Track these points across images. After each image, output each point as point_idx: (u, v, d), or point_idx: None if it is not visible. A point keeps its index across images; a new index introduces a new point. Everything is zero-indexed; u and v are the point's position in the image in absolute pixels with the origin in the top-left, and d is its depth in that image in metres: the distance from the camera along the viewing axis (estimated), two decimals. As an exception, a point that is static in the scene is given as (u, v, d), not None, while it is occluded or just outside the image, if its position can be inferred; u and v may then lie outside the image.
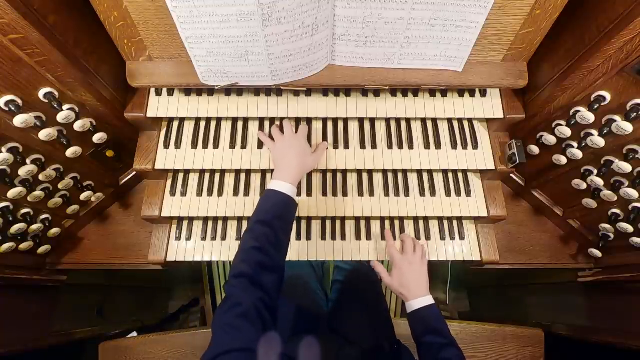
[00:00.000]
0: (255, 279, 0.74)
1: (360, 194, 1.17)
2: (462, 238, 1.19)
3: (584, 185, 1.06)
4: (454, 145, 1.14)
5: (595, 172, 1.00)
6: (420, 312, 0.94)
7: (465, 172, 1.21)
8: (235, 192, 1.15)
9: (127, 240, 1.28)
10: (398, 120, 1.17)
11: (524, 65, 0.98)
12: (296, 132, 1.07)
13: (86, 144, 1.02)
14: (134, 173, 1.27)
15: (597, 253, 1.17)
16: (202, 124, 1.15)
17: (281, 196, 0.90)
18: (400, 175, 1.19)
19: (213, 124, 1.15)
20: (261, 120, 1.16)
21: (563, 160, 1.04)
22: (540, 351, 1.20)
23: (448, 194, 1.17)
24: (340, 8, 0.81)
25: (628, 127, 0.83)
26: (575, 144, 0.99)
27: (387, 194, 1.17)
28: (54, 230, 1.14)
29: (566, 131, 0.98)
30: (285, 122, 1.07)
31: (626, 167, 0.91)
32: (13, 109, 0.78)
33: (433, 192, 1.17)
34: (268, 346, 0.68)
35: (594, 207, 1.07)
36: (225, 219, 1.20)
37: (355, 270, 1.33)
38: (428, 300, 0.95)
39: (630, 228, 1.00)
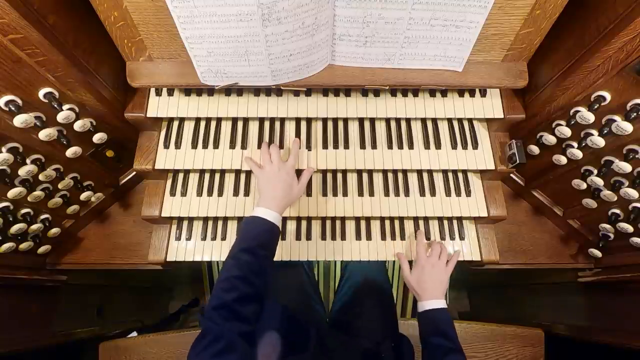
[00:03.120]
0: (237, 310, 0.73)
1: (360, 194, 1.17)
2: (462, 238, 1.19)
3: (584, 185, 1.06)
4: (454, 145, 1.14)
5: (595, 172, 1.00)
6: (431, 313, 0.95)
7: (465, 172, 1.21)
8: (235, 192, 1.15)
9: (127, 240, 1.28)
10: (398, 120, 1.17)
11: (524, 65, 0.98)
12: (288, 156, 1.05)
13: (86, 144, 1.02)
14: (134, 173, 1.27)
15: (597, 253, 1.17)
16: (202, 124, 1.15)
17: (267, 224, 0.89)
18: (400, 175, 1.19)
19: (213, 124, 1.15)
20: (261, 120, 1.16)
21: (563, 160, 1.04)
22: (540, 351, 1.20)
23: (448, 194, 1.17)
24: (340, 8, 0.81)
25: (628, 127, 0.83)
26: (575, 144, 0.99)
27: (387, 194, 1.17)
28: (54, 230, 1.14)
29: (566, 131, 0.98)
30: (273, 148, 1.04)
31: (626, 167, 0.91)
32: (13, 109, 0.78)
33: (433, 192, 1.17)
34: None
35: (594, 207, 1.07)
36: (225, 219, 1.20)
37: (367, 268, 1.31)
38: (441, 303, 0.96)
39: (630, 228, 1.00)
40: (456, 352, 0.87)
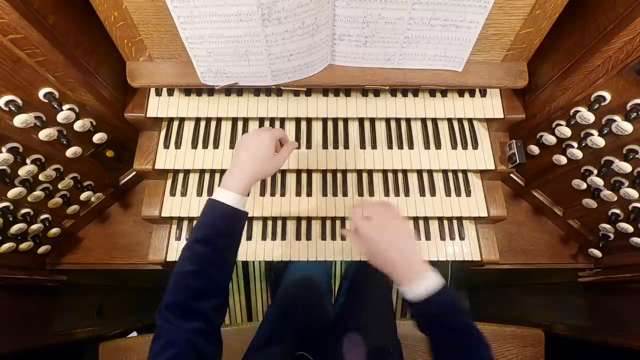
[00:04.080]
0: (190, 308, 0.64)
1: (360, 193, 1.17)
2: (462, 238, 1.19)
3: (584, 185, 1.06)
4: (454, 145, 1.14)
5: (595, 172, 1.00)
6: (427, 304, 0.66)
7: (465, 172, 1.21)
8: (235, 192, 1.15)
9: (127, 240, 1.28)
10: (398, 120, 1.17)
11: (524, 65, 0.98)
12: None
13: (86, 144, 1.02)
14: (134, 173, 1.27)
15: (597, 253, 1.17)
16: (202, 124, 1.15)
17: (227, 209, 0.73)
18: (400, 175, 1.19)
19: (213, 124, 1.15)
20: (261, 120, 1.16)
21: (563, 160, 1.04)
22: (540, 351, 1.20)
23: (448, 194, 1.17)
24: (340, 8, 0.81)
25: (628, 127, 0.83)
26: (575, 144, 0.99)
27: (387, 194, 1.17)
28: (54, 230, 1.14)
29: (566, 131, 0.98)
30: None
31: (626, 167, 0.91)
32: (13, 109, 0.78)
33: (433, 192, 1.17)
34: None
35: (594, 207, 1.07)
36: (225, 219, 1.20)
37: (364, 268, 1.31)
38: (432, 280, 0.66)
39: (630, 228, 1.00)
40: (479, 341, 0.64)
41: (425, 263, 0.69)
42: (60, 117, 0.88)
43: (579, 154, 0.98)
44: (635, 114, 0.81)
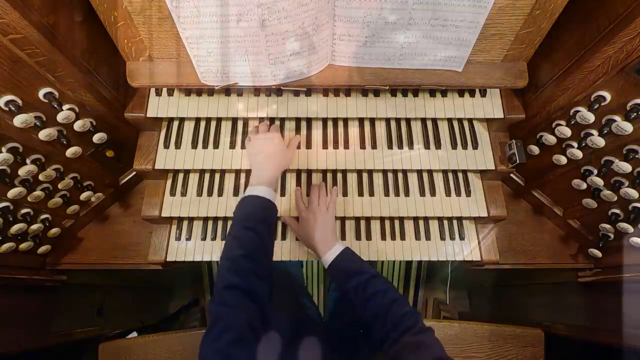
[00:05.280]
0: (249, 290, 0.71)
1: (360, 194, 1.17)
2: (462, 238, 1.19)
3: (584, 185, 1.06)
4: (454, 146, 1.14)
5: (595, 172, 1.00)
6: (335, 264, 0.94)
7: (465, 172, 1.21)
8: (235, 192, 1.15)
9: (127, 240, 1.28)
10: (398, 120, 1.17)
11: (524, 65, 0.98)
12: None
13: (86, 144, 1.02)
14: (134, 173, 1.27)
15: (597, 253, 1.17)
16: (202, 124, 1.15)
17: (261, 200, 0.89)
18: (400, 175, 1.19)
19: (213, 124, 1.15)
20: (261, 121, 1.16)
21: (563, 160, 1.04)
22: (540, 351, 1.20)
23: (448, 194, 1.17)
24: (340, 8, 0.82)
25: (628, 127, 0.83)
26: (575, 144, 0.99)
27: (387, 194, 1.17)
28: (54, 230, 1.14)
29: (566, 131, 0.98)
30: (261, 123, 1.07)
31: (626, 167, 0.91)
32: (13, 109, 0.78)
33: (433, 192, 1.17)
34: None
35: (594, 207, 1.07)
36: (226, 219, 1.20)
37: None
38: (338, 248, 0.95)
39: (630, 228, 1.00)
40: (374, 278, 0.87)
41: (335, 239, 0.99)
42: (60, 117, 0.88)
43: (579, 154, 0.98)
44: (635, 114, 0.81)
